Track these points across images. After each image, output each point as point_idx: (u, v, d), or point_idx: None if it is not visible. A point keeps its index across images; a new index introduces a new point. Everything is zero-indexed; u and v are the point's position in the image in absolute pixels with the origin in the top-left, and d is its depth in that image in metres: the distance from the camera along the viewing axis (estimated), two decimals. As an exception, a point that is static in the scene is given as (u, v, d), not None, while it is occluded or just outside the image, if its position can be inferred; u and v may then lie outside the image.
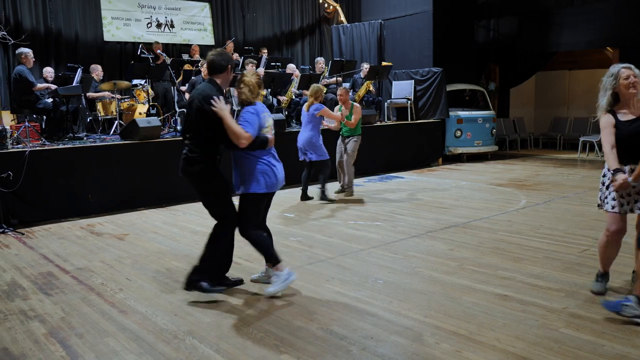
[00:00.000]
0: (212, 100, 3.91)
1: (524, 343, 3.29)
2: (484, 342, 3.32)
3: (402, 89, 12.21)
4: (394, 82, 12.47)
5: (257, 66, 10.94)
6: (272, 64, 11.60)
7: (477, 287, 4.27)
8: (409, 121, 11.76)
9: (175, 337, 3.51)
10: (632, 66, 3.74)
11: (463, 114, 12.33)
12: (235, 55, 11.82)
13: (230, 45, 11.54)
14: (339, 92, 8.27)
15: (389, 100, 12.38)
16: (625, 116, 3.77)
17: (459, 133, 12.19)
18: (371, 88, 11.47)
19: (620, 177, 3.60)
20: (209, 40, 12.58)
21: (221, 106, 3.92)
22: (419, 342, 3.36)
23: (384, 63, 12.42)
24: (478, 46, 13.99)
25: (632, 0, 11.36)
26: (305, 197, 8.03)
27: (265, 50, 12.36)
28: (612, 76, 3.75)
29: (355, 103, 8.24)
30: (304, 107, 7.86)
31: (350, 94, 8.67)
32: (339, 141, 8.30)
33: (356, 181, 8.38)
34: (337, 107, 8.36)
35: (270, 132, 4.24)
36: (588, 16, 12.25)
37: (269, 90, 10.14)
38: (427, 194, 8.37)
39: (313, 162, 7.80)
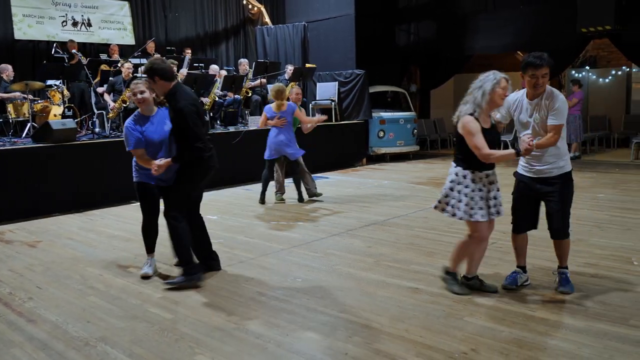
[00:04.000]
0: None
1: (430, 332, 3.46)
2: (393, 333, 3.47)
3: (326, 91, 12.39)
4: (318, 84, 12.64)
5: (180, 67, 10.78)
6: (195, 64, 11.46)
7: (391, 282, 4.43)
8: (334, 122, 11.96)
9: (86, 344, 3.43)
10: (510, 80, 3.88)
11: (385, 115, 12.68)
12: (157, 56, 11.58)
13: (151, 45, 11.30)
14: (296, 91, 8.03)
15: (313, 102, 12.53)
16: (483, 122, 3.83)
17: (381, 134, 12.52)
18: (296, 89, 11.56)
19: (523, 146, 3.72)
20: (129, 40, 12.23)
21: None
22: (333, 336, 3.46)
23: (308, 65, 12.56)
24: (399, 49, 14.41)
25: (538, 9, 12.09)
26: (264, 199, 7.88)
27: (189, 51, 12.18)
28: (493, 80, 3.77)
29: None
30: (272, 107, 7.62)
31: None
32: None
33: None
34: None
35: None
36: (500, 22, 12.88)
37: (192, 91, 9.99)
38: (350, 194, 8.55)
39: (290, 161, 7.68)
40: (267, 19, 14.42)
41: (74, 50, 10.20)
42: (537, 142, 3.80)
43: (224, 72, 11.41)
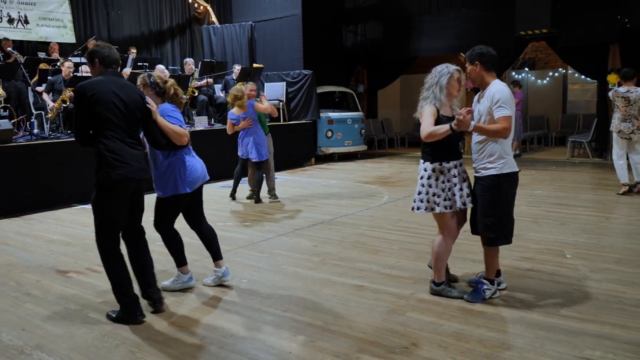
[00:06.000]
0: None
1: (373, 329, 3.53)
2: (337, 330, 3.52)
3: (274, 91, 12.38)
4: (266, 84, 12.61)
5: (123, 66, 10.53)
6: (139, 64, 11.22)
7: (336, 280, 4.48)
8: (282, 122, 11.96)
9: (21, 353, 3.31)
10: (462, 70, 4.09)
11: (333, 115, 12.78)
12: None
13: (92, 44, 10.96)
14: (250, 88, 7.80)
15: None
16: (446, 112, 3.93)
17: (330, 133, 12.61)
18: (243, 89, 11.49)
19: (459, 117, 3.61)
20: (70, 38, 11.86)
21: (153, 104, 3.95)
22: (277, 336, 3.48)
23: (255, 65, 12.52)
24: (347, 50, 14.56)
25: (479, 12, 12.46)
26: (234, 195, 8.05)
27: (134, 50, 11.93)
28: (448, 74, 3.90)
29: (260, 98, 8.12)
30: (233, 112, 7.54)
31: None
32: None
33: (228, 182, 8.37)
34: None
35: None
36: (444, 24, 13.21)
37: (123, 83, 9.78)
38: (298, 193, 8.58)
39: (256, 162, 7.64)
40: (213, 18, 14.29)
41: (9, 49, 9.80)
42: (477, 124, 3.75)
43: (168, 72, 11.21)
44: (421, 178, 3.97)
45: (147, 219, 4.01)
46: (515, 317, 3.66)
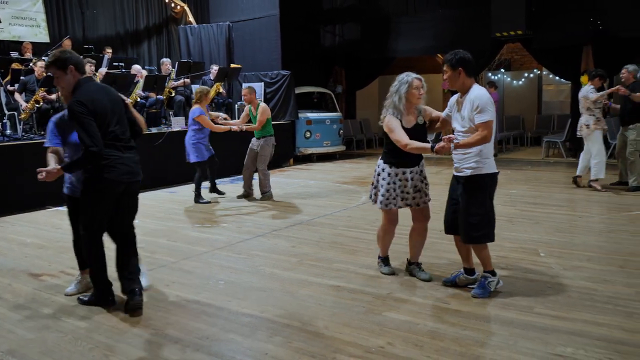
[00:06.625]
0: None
1: (349, 329, 3.54)
2: (313, 331, 3.52)
3: (252, 91, 12.30)
4: (244, 85, 12.50)
5: (98, 66, 10.40)
6: (115, 64, 11.09)
7: (313, 281, 4.49)
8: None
9: (-9, 358, 3.25)
10: (423, 78, 4.14)
11: (312, 115, 12.78)
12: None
13: (67, 43, 10.81)
14: (243, 92, 8.15)
15: (239, 102, 12.40)
16: (407, 123, 4.12)
17: (308, 134, 12.61)
18: (221, 90, 11.46)
19: (440, 144, 3.77)
20: (43, 37, 11.65)
21: None
22: (253, 337, 3.47)
23: (233, 65, 12.46)
24: (325, 50, 14.58)
25: (455, 13, 12.59)
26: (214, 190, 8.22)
27: (110, 50, 11.78)
28: (407, 84, 4.07)
29: (262, 103, 8.21)
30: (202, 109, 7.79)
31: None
32: (252, 143, 8.28)
33: (205, 183, 8.32)
34: (246, 108, 8.25)
35: None
36: (421, 25, 13.30)
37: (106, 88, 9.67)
38: (276, 194, 8.53)
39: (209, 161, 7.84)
40: (190, 18, 14.18)
41: (-20, 48, 9.61)
42: (457, 142, 3.83)
43: (145, 72, 11.11)
44: (377, 174, 4.39)
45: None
46: (489, 315, 3.70)
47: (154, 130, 9.93)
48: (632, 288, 4.12)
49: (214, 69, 11.31)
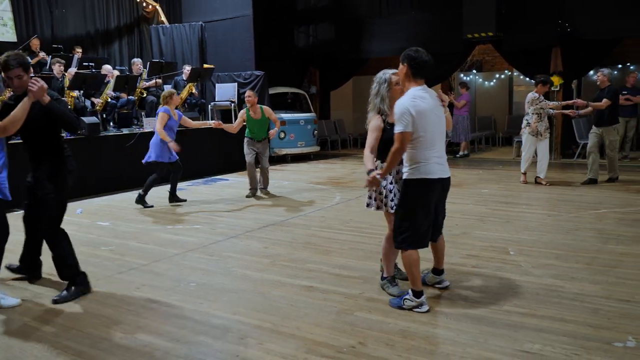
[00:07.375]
0: None
1: (321, 329, 3.54)
2: (285, 332, 3.51)
3: (225, 92, 12.26)
4: (217, 85, 12.48)
5: (68, 66, 10.22)
6: (85, 64, 10.89)
7: (285, 281, 4.48)
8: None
9: (-46, 366, 3.17)
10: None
11: (286, 116, 12.75)
12: (43, 54, 10.92)
13: (35, 42, 10.64)
14: (247, 94, 8.20)
15: (212, 103, 12.34)
16: (390, 119, 4.00)
17: (282, 135, 12.58)
18: (194, 90, 11.36)
19: (371, 175, 3.77)
20: (10, 36, 11.38)
21: None
22: (224, 339, 3.44)
23: (205, 65, 12.38)
24: (299, 51, 14.56)
25: (428, 15, 12.71)
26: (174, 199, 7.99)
27: (80, 50, 11.58)
28: (385, 82, 4.01)
29: (263, 106, 8.36)
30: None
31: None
32: (248, 144, 8.25)
33: (179, 184, 8.24)
34: (242, 111, 8.21)
35: None
36: (394, 26, 13.37)
37: (82, 92, 9.53)
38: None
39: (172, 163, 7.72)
40: (162, 18, 14.03)
41: (-56, 47, 9.35)
42: (379, 173, 3.79)
43: (116, 72, 10.95)
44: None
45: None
46: (460, 313, 3.74)
47: (125, 131, 9.80)
48: (598, 285, 4.21)
49: (187, 69, 11.21)
